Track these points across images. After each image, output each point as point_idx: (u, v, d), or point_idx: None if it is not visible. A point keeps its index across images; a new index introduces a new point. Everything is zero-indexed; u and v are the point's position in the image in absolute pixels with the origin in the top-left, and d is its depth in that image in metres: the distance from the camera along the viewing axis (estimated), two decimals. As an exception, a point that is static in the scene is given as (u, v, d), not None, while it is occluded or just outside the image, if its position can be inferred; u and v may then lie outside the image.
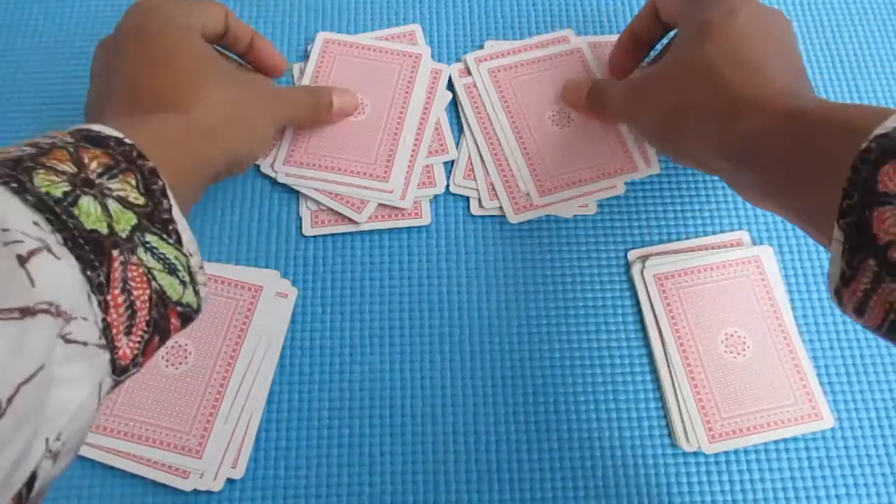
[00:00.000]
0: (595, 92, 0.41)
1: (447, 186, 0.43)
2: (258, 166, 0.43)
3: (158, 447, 0.36)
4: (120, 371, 0.24)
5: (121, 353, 0.23)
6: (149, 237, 0.25)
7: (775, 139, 0.29)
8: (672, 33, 0.38)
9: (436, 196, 0.43)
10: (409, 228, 0.42)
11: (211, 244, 0.41)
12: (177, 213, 0.26)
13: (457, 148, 0.43)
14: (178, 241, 0.26)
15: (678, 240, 0.42)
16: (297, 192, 0.42)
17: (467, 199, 0.43)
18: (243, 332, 0.38)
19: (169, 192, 0.26)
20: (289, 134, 0.42)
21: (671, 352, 0.38)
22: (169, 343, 0.38)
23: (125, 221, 0.24)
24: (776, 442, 0.38)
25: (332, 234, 0.42)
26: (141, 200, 0.25)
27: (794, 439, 0.38)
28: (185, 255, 0.26)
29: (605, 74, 0.44)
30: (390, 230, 0.42)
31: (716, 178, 0.43)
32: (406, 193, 0.42)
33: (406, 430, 0.38)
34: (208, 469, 0.36)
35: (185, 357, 0.38)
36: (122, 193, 0.24)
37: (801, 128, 0.28)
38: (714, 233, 0.42)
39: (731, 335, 0.39)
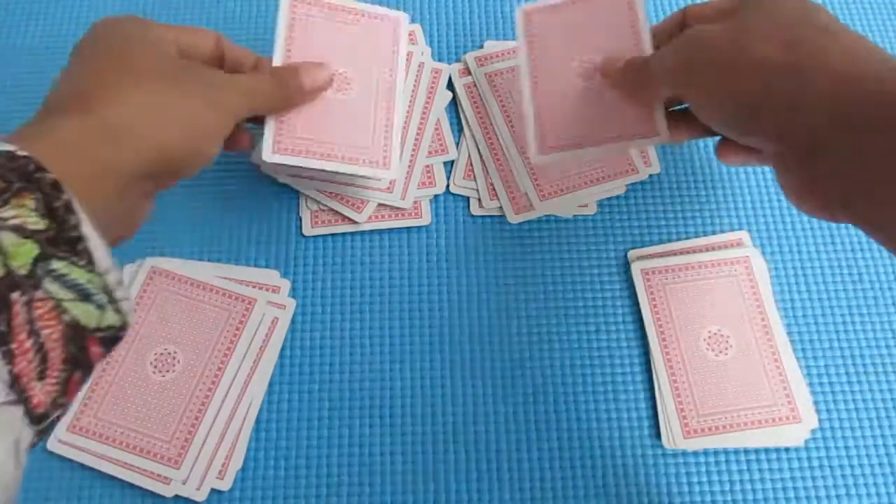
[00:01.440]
0: (636, 59, 0.36)
1: (447, 186, 0.43)
2: (258, 167, 0.43)
3: (139, 454, 0.36)
4: (39, 419, 0.22)
5: (35, 401, 0.21)
6: (55, 265, 0.22)
7: None
8: None
9: (436, 196, 0.43)
10: (409, 228, 0.42)
11: (211, 244, 0.41)
12: (87, 229, 0.23)
13: (457, 148, 0.43)
14: (90, 260, 0.23)
15: (678, 240, 0.42)
16: (298, 191, 0.42)
17: (467, 199, 0.43)
18: (233, 344, 0.38)
19: (76, 206, 0.23)
20: (270, 121, 0.37)
21: (654, 348, 0.39)
22: (158, 349, 0.38)
23: (24, 255, 0.21)
24: (776, 442, 0.38)
25: (332, 234, 0.42)
26: (42, 224, 0.22)
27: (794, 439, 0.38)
28: (99, 275, 0.23)
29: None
30: (390, 230, 0.42)
31: (715, 177, 0.43)
32: (406, 193, 0.42)
33: (406, 430, 0.38)
34: (189, 478, 0.36)
35: (174, 365, 0.38)
36: (17, 221, 0.22)
37: None
38: (714, 233, 0.42)
39: (715, 334, 0.39)
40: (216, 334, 0.38)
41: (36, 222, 0.22)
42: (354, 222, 0.41)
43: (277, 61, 0.37)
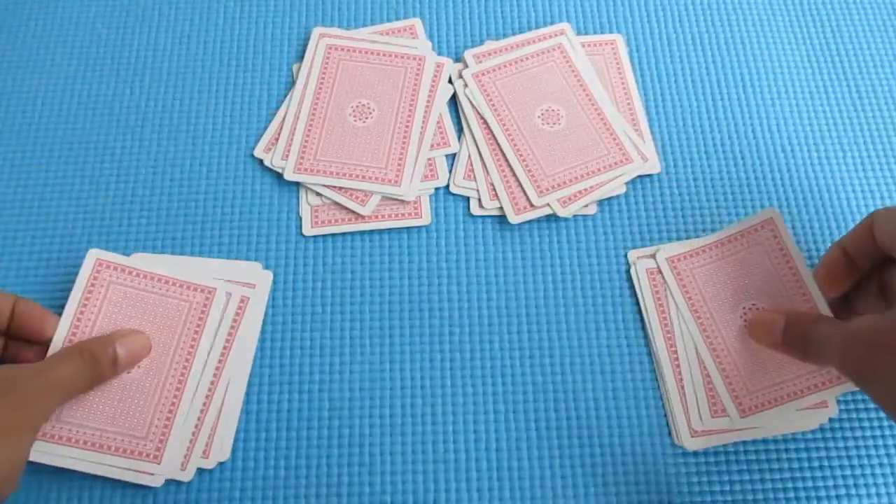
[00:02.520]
0: (799, 335, 0.35)
1: (448, 181, 0.43)
2: (261, 161, 0.43)
3: (118, 454, 0.35)
4: None
5: None
6: None
7: None
8: None
9: (436, 196, 0.43)
10: (409, 228, 0.42)
11: (211, 244, 0.41)
12: None
13: (458, 141, 0.43)
14: None
15: (678, 240, 0.42)
16: (298, 191, 0.42)
17: (467, 199, 0.43)
18: (198, 334, 0.38)
19: None
20: (297, 141, 0.42)
21: (660, 348, 0.39)
22: None
23: None
24: (776, 441, 0.38)
25: (332, 234, 0.42)
26: None
27: (794, 439, 0.38)
28: None
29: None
30: (390, 230, 0.42)
31: (716, 177, 0.43)
32: (409, 186, 0.42)
33: (406, 430, 0.38)
34: (170, 473, 0.36)
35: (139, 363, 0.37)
36: None
37: None
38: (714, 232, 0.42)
39: (751, 307, 0.39)
40: (179, 325, 0.38)
41: None
42: (358, 216, 0.41)
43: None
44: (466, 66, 0.45)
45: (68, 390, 0.33)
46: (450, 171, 0.43)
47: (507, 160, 0.42)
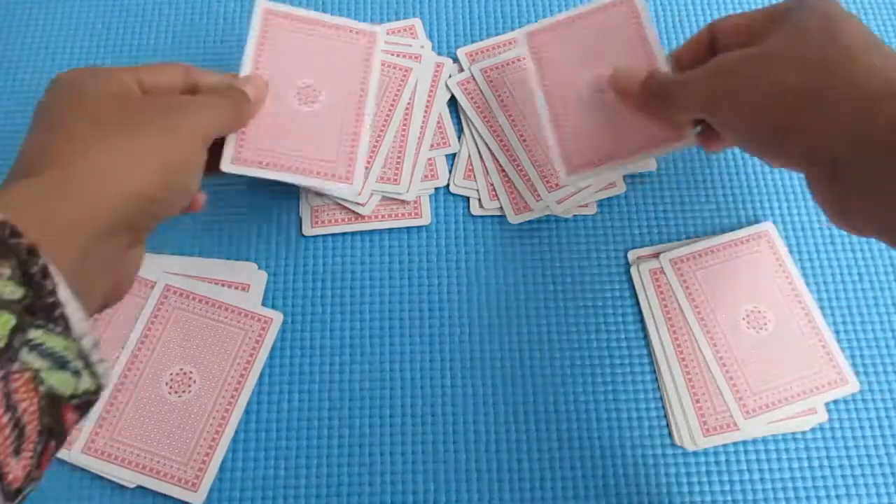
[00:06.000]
0: (656, 79, 0.35)
1: (448, 181, 0.43)
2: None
3: (156, 477, 0.36)
4: (14, 495, 0.21)
5: (11, 477, 0.21)
6: (32, 333, 0.22)
7: None
8: None
9: (436, 196, 0.43)
10: (409, 228, 0.42)
11: (211, 244, 0.41)
12: (63, 294, 0.23)
13: (458, 140, 0.43)
14: (67, 326, 0.23)
15: (678, 240, 0.42)
16: (298, 191, 0.42)
17: (467, 199, 0.43)
18: (249, 364, 0.39)
19: (52, 270, 0.23)
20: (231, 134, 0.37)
21: (665, 348, 0.39)
22: (174, 370, 0.38)
23: (1, 327, 0.21)
24: (776, 441, 0.38)
25: (332, 234, 0.42)
26: (19, 293, 0.22)
27: (794, 439, 0.38)
28: (75, 341, 0.23)
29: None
30: (390, 230, 0.42)
31: (716, 177, 0.43)
32: (410, 186, 0.42)
33: (406, 430, 0.38)
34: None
35: (189, 385, 0.38)
36: None
37: None
38: (714, 233, 0.42)
39: (752, 310, 0.39)
40: (233, 353, 0.39)
41: (13, 291, 0.21)
42: (358, 216, 0.41)
43: (245, 73, 0.37)
44: (460, 64, 0.45)
45: (221, 117, 0.34)
46: (450, 171, 0.43)
47: (515, 151, 0.42)
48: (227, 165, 0.35)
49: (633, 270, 0.41)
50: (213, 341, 0.39)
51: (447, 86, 0.44)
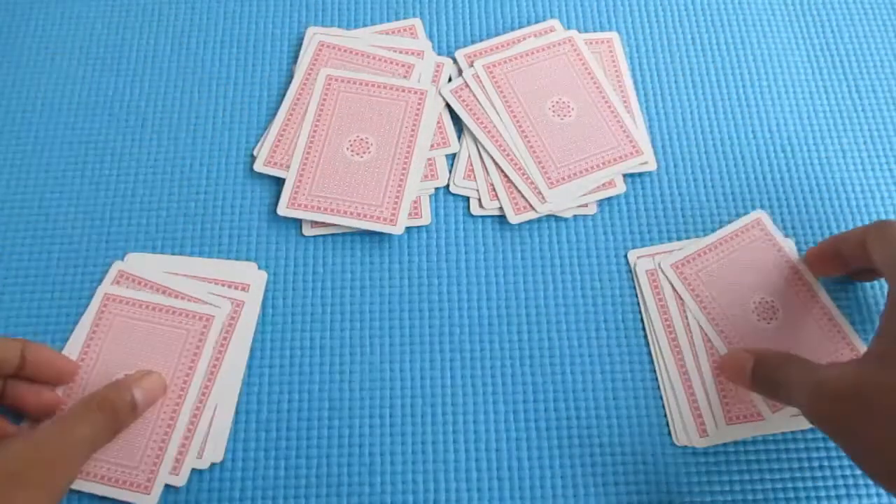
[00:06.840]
0: (767, 379, 0.35)
1: (448, 181, 0.43)
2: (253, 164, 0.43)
3: (108, 484, 0.35)
4: None
5: None
6: None
7: None
8: None
9: (436, 196, 0.43)
10: (409, 228, 0.42)
11: (211, 244, 0.41)
12: None
13: (458, 140, 0.43)
14: None
15: (678, 240, 0.42)
16: (297, 191, 0.42)
17: (467, 199, 0.43)
18: (194, 363, 0.38)
19: None
20: (292, 176, 0.41)
21: (663, 348, 0.39)
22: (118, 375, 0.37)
23: None
24: (776, 441, 0.38)
25: (332, 234, 0.42)
26: None
27: (794, 439, 0.38)
28: None
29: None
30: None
31: (716, 177, 0.43)
32: (398, 219, 0.42)
33: (406, 430, 0.38)
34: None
35: None
36: None
37: None
38: (714, 231, 0.42)
39: (760, 301, 0.39)
40: (176, 355, 0.38)
41: None
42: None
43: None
44: (458, 66, 0.45)
45: (93, 446, 0.33)
46: (450, 171, 0.43)
47: (515, 153, 0.42)
48: (283, 210, 0.41)
49: (634, 271, 0.41)
50: (152, 344, 0.38)
51: (440, 94, 0.44)
